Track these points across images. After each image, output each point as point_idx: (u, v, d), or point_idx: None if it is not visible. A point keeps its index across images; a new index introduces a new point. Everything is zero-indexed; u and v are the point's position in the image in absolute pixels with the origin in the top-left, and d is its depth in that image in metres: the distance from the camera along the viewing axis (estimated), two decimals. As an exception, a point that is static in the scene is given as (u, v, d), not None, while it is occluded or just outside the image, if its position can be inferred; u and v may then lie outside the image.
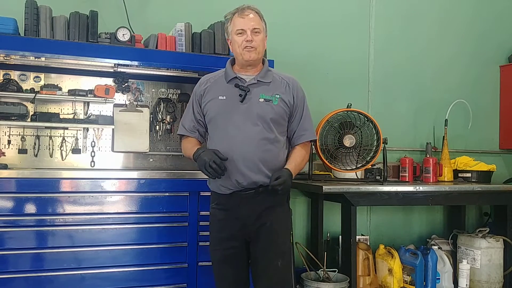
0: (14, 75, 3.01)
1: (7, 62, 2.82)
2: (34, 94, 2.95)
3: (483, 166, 3.88)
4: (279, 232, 2.39)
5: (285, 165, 2.38)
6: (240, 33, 2.35)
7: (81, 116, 3.15)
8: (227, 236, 2.39)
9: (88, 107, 3.16)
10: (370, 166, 3.48)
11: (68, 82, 3.15)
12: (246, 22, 2.34)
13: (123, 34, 2.91)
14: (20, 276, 2.54)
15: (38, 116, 2.98)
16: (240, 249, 2.40)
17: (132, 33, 2.96)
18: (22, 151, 3.05)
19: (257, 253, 2.38)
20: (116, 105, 3.22)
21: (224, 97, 2.38)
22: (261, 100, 2.36)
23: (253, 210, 2.34)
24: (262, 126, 2.32)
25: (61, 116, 3.07)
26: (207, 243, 2.82)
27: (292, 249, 2.56)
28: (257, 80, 2.39)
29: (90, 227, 2.67)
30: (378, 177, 3.53)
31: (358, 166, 3.44)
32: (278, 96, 2.38)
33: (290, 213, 2.51)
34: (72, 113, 3.13)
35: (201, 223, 2.85)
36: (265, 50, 2.50)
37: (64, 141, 3.14)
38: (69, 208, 2.64)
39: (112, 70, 2.97)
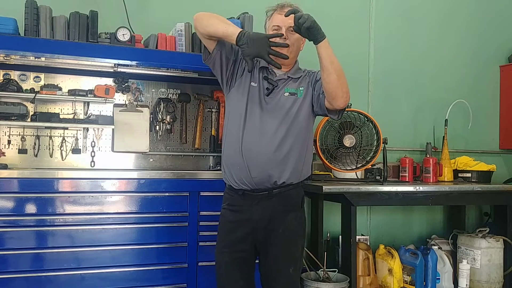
0: (14, 75, 3.01)
1: (7, 62, 2.81)
2: (34, 94, 2.94)
3: (483, 166, 3.88)
4: (291, 239, 2.32)
5: (304, 160, 2.33)
6: (275, 30, 2.30)
7: (81, 116, 3.14)
8: (237, 238, 2.32)
9: (88, 107, 3.15)
10: (370, 166, 3.49)
11: (68, 82, 3.14)
12: (284, 20, 2.26)
13: (123, 34, 2.91)
14: (20, 276, 2.54)
15: (38, 116, 2.98)
16: (249, 253, 2.34)
17: (132, 33, 2.96)
18: (22, 151, 3.04)
19: (268, 259, 2.31)
20: (116, 105, 3.22)
21: (255, 85, 2.34)
22: (286, 94, 2.33)
23: (265, 214, 2.28)
24: (283, 121, 2.27)
25: (61, 116, 3.07)
26: (207, 243, 2.83)
27: (303, 254, 2.51)
28: (287, 76, 2.36)
29: (90, 227, 2.67)
30: (378, 177, 3.52)
31: (358, 166, 3.44)
32: (302, 88, 2.34)
33: (304, 218, 2.41)
34: (72, 113, 3.12)
35: (201, 223, 2.85)
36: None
37: (64, 141, 3.13)
38: (69, 208, 2.64)
39: (112, 70, 2.96)
